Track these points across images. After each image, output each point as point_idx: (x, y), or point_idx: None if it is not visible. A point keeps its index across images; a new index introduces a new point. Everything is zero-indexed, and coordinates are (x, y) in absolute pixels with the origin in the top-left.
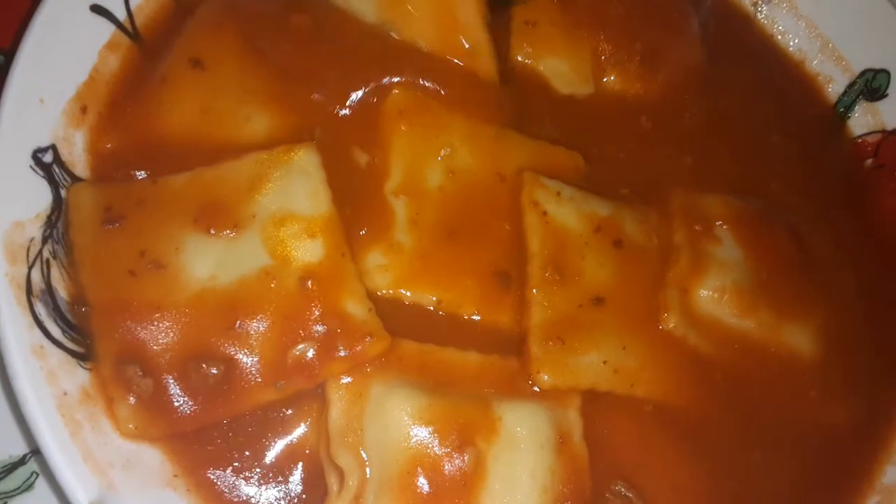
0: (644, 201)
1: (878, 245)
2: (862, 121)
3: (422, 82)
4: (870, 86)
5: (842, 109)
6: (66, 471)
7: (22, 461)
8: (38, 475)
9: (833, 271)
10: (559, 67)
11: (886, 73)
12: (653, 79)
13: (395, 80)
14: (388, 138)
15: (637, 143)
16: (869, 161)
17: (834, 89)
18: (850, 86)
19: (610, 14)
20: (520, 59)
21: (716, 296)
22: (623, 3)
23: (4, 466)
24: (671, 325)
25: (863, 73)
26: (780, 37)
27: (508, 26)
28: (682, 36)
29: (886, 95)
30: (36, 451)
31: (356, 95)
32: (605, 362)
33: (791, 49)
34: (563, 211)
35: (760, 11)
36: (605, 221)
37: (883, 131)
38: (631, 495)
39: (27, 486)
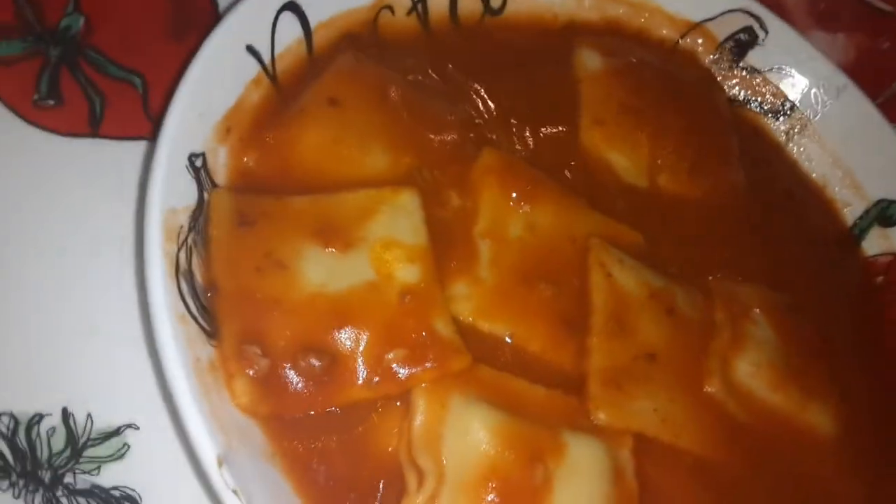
0: (692, 282)
1: (884, 351)
2: (875, 243)
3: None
4: (884, 214)
5: (857, 232)
6: (197, 424)
7: (117, 432)
8: (129, 447)
9: (847, 364)
10: (621, 162)
11: None
12: (698, 186)
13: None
14: (478, 188)
15: (684, 233)
16: (880, 279)
17: (852, 213)
18: (866, 212)
19: (668, 125)
20: (589, 146)
21: (753, 369)
22: (677, 117)
23: (102, 434)
24: (713, 390)
25: (878, 202)
26: (806, 163)
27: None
28: (725, 153)
29: None
30: (130, 425)
31: (459, 147)
32: (655, 410)
33: (815, 175)
34: (624, 275)
35: (792, 140)
36: (658, 291)
37: (894, 254)
38: None
39: (119, 456)
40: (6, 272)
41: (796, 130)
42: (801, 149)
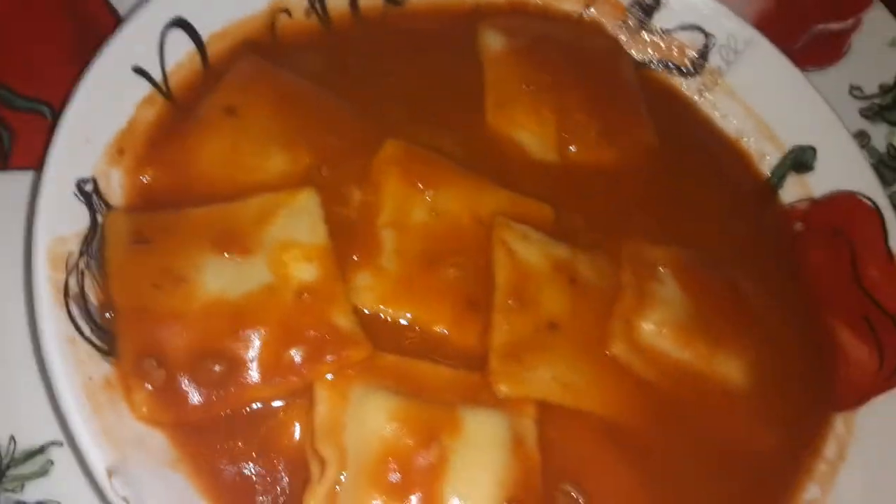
0: (602, 249)
1: (803, 293)
2: (792, 190)
3: None
4: (799, 160)
5: (775, 180)
6: (87, 439)
7: (41, 450)
8: (53, 464)
9: (764, 314)
10: (528, 139)
11: (813, 149)
12: (609, 152)
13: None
14: (380, 180)
15: (596, 202)
16: (798, 224)
17: (768, 163)
18: (782, 160)
19: (573, 96)
20: (496, 127)
21: (656, 328)
22: (580, 89)
23: (25, 453)
24: (616, 352)
25: (792, 149)
26: (720, 118)
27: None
28: (633, 118)
29: (813, 169)
30: (54, 443)
31: (360, 142)
32: (554, 378)
33: (729, 129)
34: (527, 251)
35: (704, 97)
36: (563, 262)
37: (810, 199)
38: (577, 496)
39: (43, 472)
40: None
41: (708, 87)
42: (715, 104)
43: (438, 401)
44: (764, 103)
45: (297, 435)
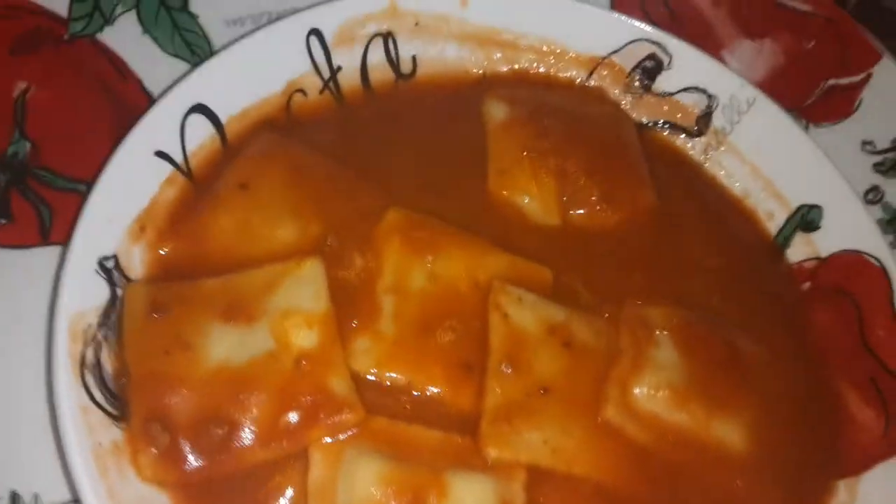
0: (601, 311)
1: (808, 353)
2: (800, 249)
3: None
4: (805, 219)
5: (781, 240)
6: (92, 499)
7: None
8: None
9: (765, 376)
10: (529, 204)
11: (819, 208)
12: (610, 214)
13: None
14: (381, 247)
15: (597, 263)
16: (806, 284)
17: (775, 222)
18: (789, 219)
19: (570, 162)
20: (497, 193)
21: (651, 392)
22: (581, 154)
23: None
24: (609, 416)
25: (799, 208)
26: (726, 177)
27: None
28: (634, 180)
29: (820, 227)
30: (76, 501)
31: (366, 211)
32: (545, 442)
33: (735, 188)
34: (521, 315)
35: (710, 157)
36: (558, 326)
37: (818, 258)
38: None
39: None
40: None
41: (713, 147)
42: (721, 165)
43: (427, 464)
44: (769, 162)
45: (295, 498)
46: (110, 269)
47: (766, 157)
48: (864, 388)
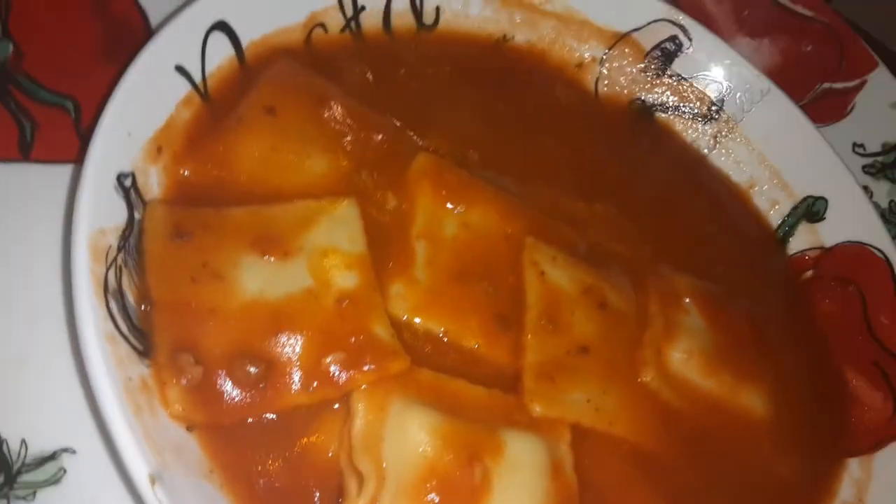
0: (624, 276)
1: (814, 340)
2: (804, 238)
3: None
4: (810, 210)
5: (786, 228)
6: (130, 443)
7: (52, 457)
8: (65, 472)
9: (779, 351)
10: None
11: (824, 199)
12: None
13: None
14: (413, 192)
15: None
16: (809, 273)
17: (780, 210)
18: (794, 209)
19: None
20: None
21: (685, 357)
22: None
23: (37, 459)
24: (648, 379)
25: (805, 199)
26: (734, 165)
27: None
28: None
29: (824, 219)
30: (66, 450)
31: (394, 150)
32: (588, 400)
33: (743, 176)
34: (557, 273)
35: (719, 143)
36: (591, 287)
37: (821, 248)
38: None
39: (55, 481)
40: None
41: (723, 134)
42: (729, 151)
43: (478, 420)
44: (777, 153)
45: (330, 448)
46: (128, 188)
47: (776, 148)
48: (870, 373)
